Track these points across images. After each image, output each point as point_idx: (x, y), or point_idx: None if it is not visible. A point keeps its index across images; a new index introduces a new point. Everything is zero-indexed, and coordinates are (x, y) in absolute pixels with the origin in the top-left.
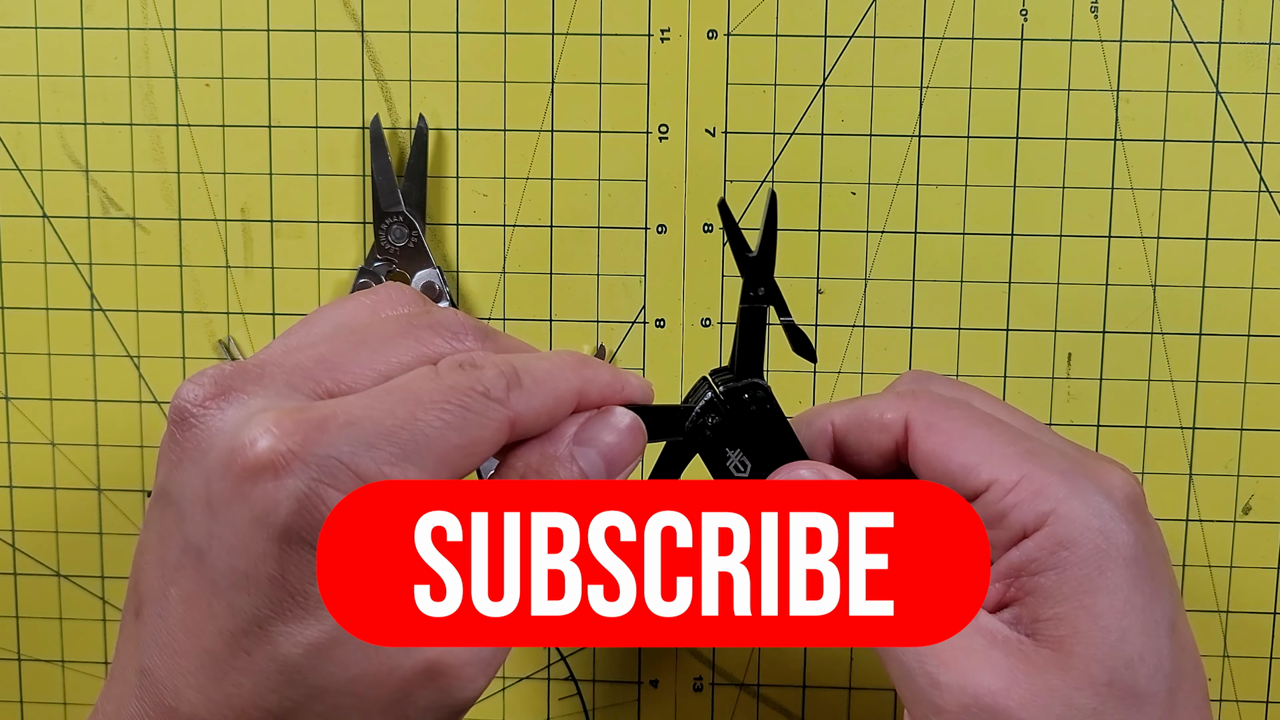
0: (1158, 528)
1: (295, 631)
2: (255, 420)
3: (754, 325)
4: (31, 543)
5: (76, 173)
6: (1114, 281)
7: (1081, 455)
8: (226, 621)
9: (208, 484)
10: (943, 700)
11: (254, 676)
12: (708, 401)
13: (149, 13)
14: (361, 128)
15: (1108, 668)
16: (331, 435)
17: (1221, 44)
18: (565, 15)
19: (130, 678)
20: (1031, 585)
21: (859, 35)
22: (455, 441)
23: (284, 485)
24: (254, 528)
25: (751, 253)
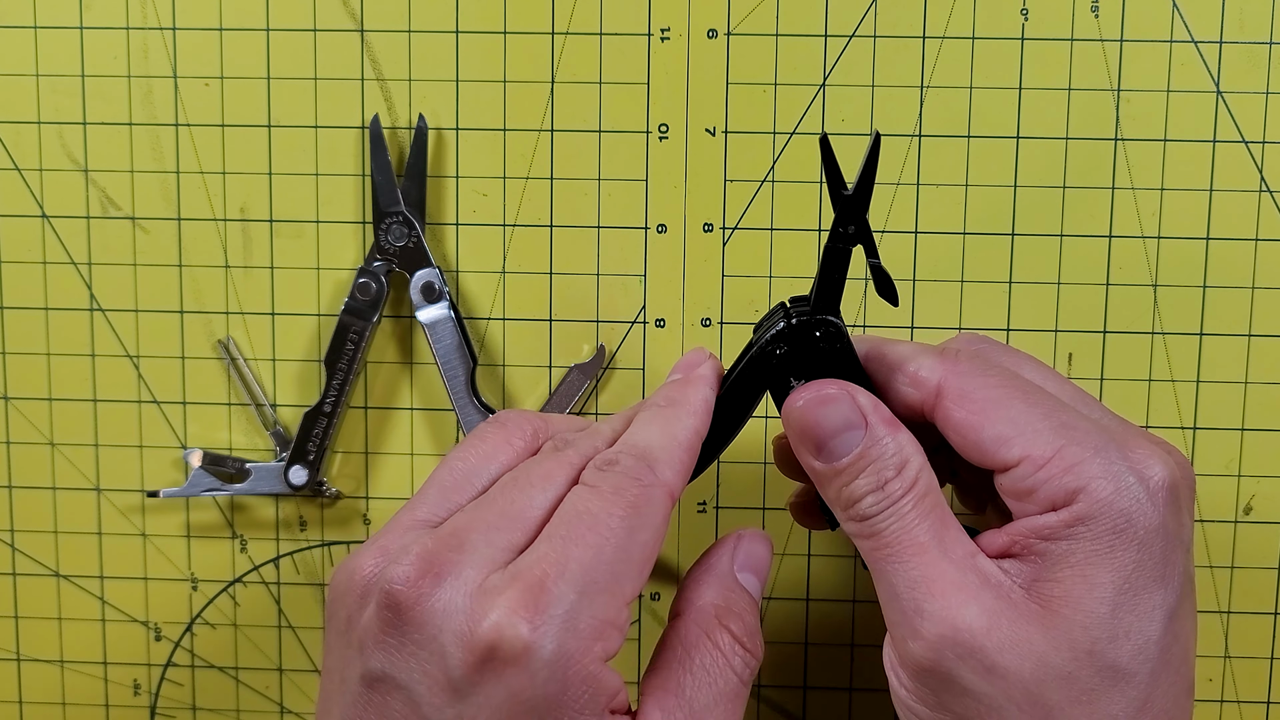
0: (1190, 518)
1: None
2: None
3: (838, 262)
4: (30, 543)
5: (76, 172)
6: (1115, 281)
7: (1125, 433)
8: None
9: (446, 668)
10: (923, 628)
11: None
12: (779, 331)
13: (148, 12)
14: (361, 127)
15: (1091, 636)
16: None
17: (1222, 43)
18: (565, 15)
19: None
20: (1041, 548)
21: (859, 35)
22: (643, 539)
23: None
24: (513, 704)
25: (847, 190)
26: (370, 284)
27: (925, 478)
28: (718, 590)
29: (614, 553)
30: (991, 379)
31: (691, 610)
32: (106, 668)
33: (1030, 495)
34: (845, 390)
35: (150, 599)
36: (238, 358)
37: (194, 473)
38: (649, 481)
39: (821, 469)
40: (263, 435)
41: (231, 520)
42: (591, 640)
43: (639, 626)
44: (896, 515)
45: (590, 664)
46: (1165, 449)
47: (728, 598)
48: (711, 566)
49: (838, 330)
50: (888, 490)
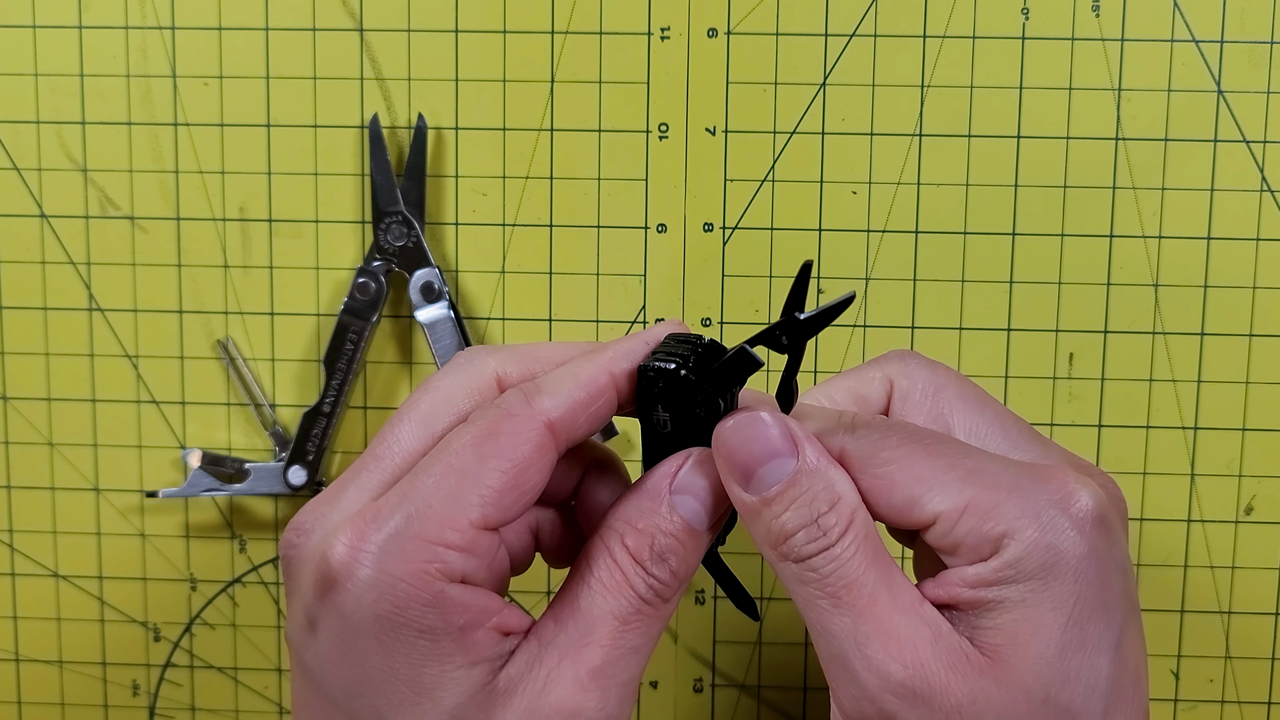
0: (1123, 538)
1: (418, 719)
2: (327, 538)
3: (741, 369)
4: (29, 543)
5: (74, 172)
6: (1115, 281)
7: (1040, 466)
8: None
9: (304, 608)
10: (872, 684)
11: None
12: (664, 369)
13: (147, 12)
14: (360, 127)
15: (1044, 682)
16: (381, 518)
17: (1223, 43)
18: (565, 14)
19: None
20: (975, 597)
21: (860, 34)
22: (497, 465)
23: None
24: (347, 629)
25: (801, 314)
26: (369, 284)
27: (862, 516)
28: (637, 506)
29: (457, 477)
30: (890, 439)
31: (603, 523)
32: (105, 668)
33: (956, 550)
34: (777, 416)
35: (149, 599)
36: (237, 358)
37: (193, 473)
38: (517, 411)
39: (749, 501)
40: (262, 435)
41: (230, 520)
42: (422, 561)
43: None
44: (835, 557)
45: (424, 584)
46: (1087, 474)
47: (646, 516)
48: (643, 481)
49: (715, 414)
50: (822, 525)
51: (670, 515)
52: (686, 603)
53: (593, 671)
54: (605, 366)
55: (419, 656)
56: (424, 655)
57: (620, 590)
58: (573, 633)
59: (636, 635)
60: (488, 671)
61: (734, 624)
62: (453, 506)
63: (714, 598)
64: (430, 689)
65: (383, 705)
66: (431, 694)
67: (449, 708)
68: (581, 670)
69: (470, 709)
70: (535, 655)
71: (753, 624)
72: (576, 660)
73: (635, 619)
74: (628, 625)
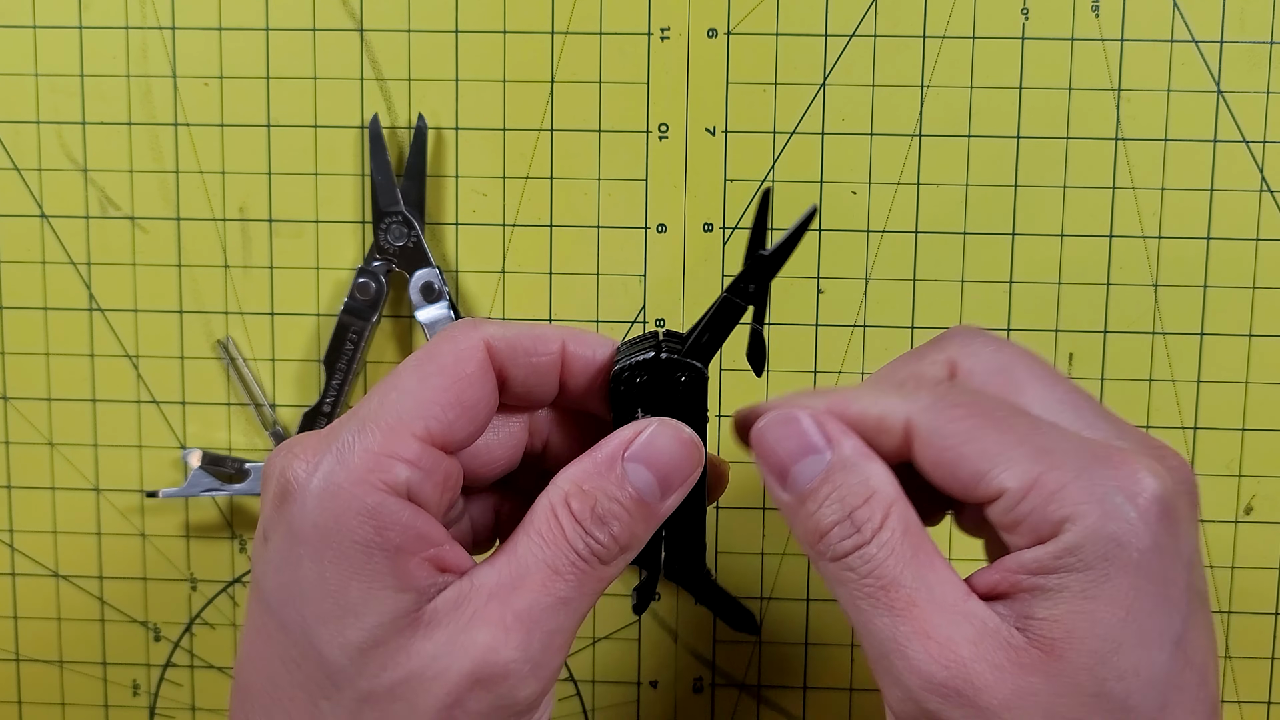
0: (1191, 529)
1: (337, 633)
2: (285, 456)
3: (728, 316)
4: (30, 543)
5: (75, 172)
6: (1115, 281)
7: (1111, 447)
8: (280, 639)
9: (262, 520)
10: (914, 683)
11: (306, 689)
12: (645, 359)
13: (147, 12)
14: (360, 127)
15: (1097, 678)
16: (334, 435)
17: (1223, 43)
18: (565, 14)
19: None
20: (1031, 584)
21: (860, 34)
22: (437, 383)
23: (306, 488)
24: (293, 538)
25: (765, 251)
26: (370, 284)
27: (900, 509)
28: (587, 467)
29: (398, 394)
30: (959, 410)
31: (553, 481)
32: (105, 668)
33: (1016, 528)
34: (809, 413)
35: (149, 599)
36: (237, 358)
37: (193, 473)
38: (458, 334)
39: (787, 500)
40: (262, 435)
41: (231, 520)
42: (364, 471)
43: (639, 626)
44: (871, 556)
45: (364, 493)
46: (1158, 456)
47: (594, 478)
48: (598, 446)
49: (701, 380)
50: (856, 520)
51: (620, 483)
52: (686, 603)
53: (518, 614)
54: (560, 333)
55: (349, 569)
56: (354, 568)
57: (557, 544)
58: (504, 577)
59: (568, 587)
60: (414, 600)
61: None
62: (396, 420)
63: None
64: (354, 604)
65: (309, 614)
66: (355, 610)
67: (369, 626)
68: (507, 613)
69: (390, 632)
70: (464, 593)
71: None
72: (503, 602)
73: (569, 571)
74: (560, 576)
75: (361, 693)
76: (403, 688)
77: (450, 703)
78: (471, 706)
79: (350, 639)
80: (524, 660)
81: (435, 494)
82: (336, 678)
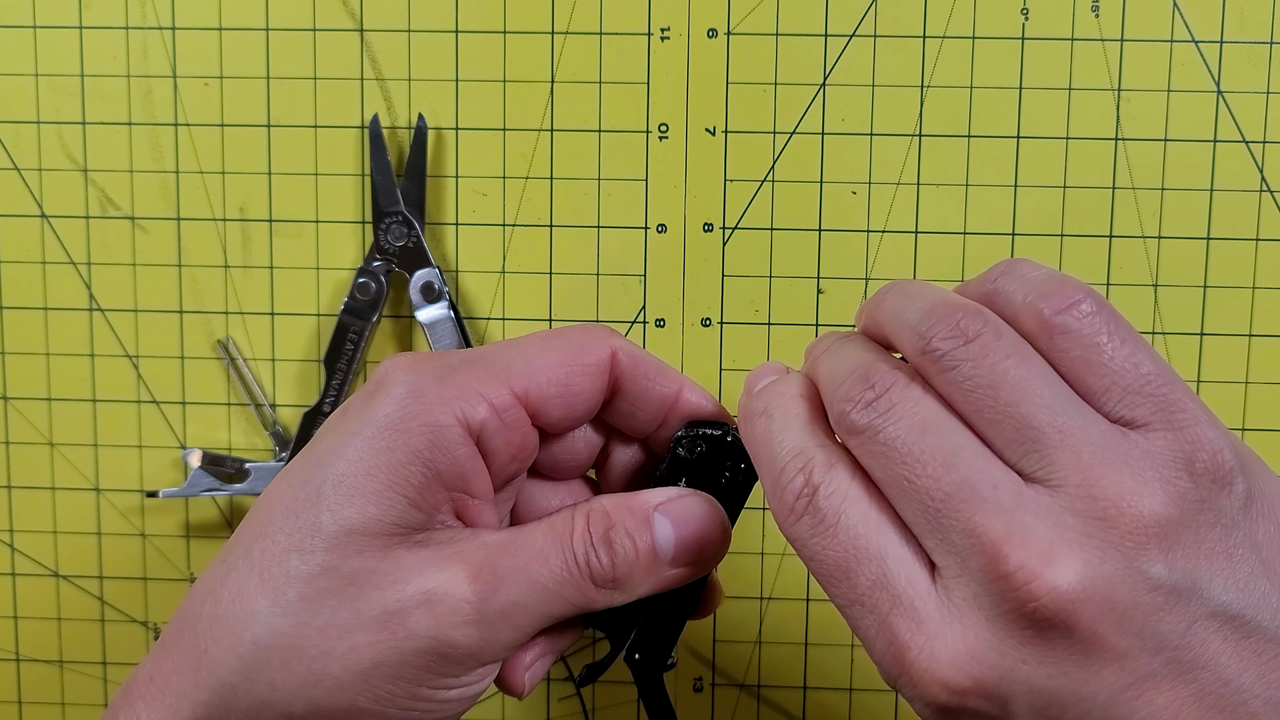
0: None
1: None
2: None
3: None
4: (30, 543)
5: (75, 172)
6: (1115, 281)
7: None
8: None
9: (347, 401)
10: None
11: (289, 535)
12: (709, 434)
13: (147, 12)
14: (361, 127)
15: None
16: (443, 360)
17: (1223, 43)
18: (565, 14)
19: None
20: None
21: (860, 34)
22: (559, 360)
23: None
24: (365, 419)
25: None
26: (370, 284)
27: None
28: (620, 503)
29: (518, 350)
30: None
31: (587, 500)
32: (106, 668)
33: None
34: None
35: (150, 599)
36: (237, 358)
37: (193, 473)
38: (592, 329)
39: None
40: (262, 435)
41: (231, 520)
42: (450, 395)
43: None
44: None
45: (440, 411)
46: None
47: (622, 512)
48: (640, 491)
49: (750, 480)
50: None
51: (642, 526)
52: None
53: (494, 571)
54: (682, 378)
55: (386, 464)
56: (390, 466)
57: (560, 539)
58: (502, 540)
59: (550, 576)
60: (420, 521)
61: (734, 623)
62: (501, 367)
63: None
64: (369, 492)
65: (330, 478)
66: (366, 495)
67: (368, 515)
68: (486, 566)
69: (379, 529)
70: (464, 537)
71: (753, 623)
72: (487, 556)
73: (559, 566)
74: (547, 564)
75: (328, 563)
76: (362, 576)
77: (394, 610)
78: (412, 625)
79: (345, 515)
80: (474, 608)
81: (504, 451)
82: (316, 538)
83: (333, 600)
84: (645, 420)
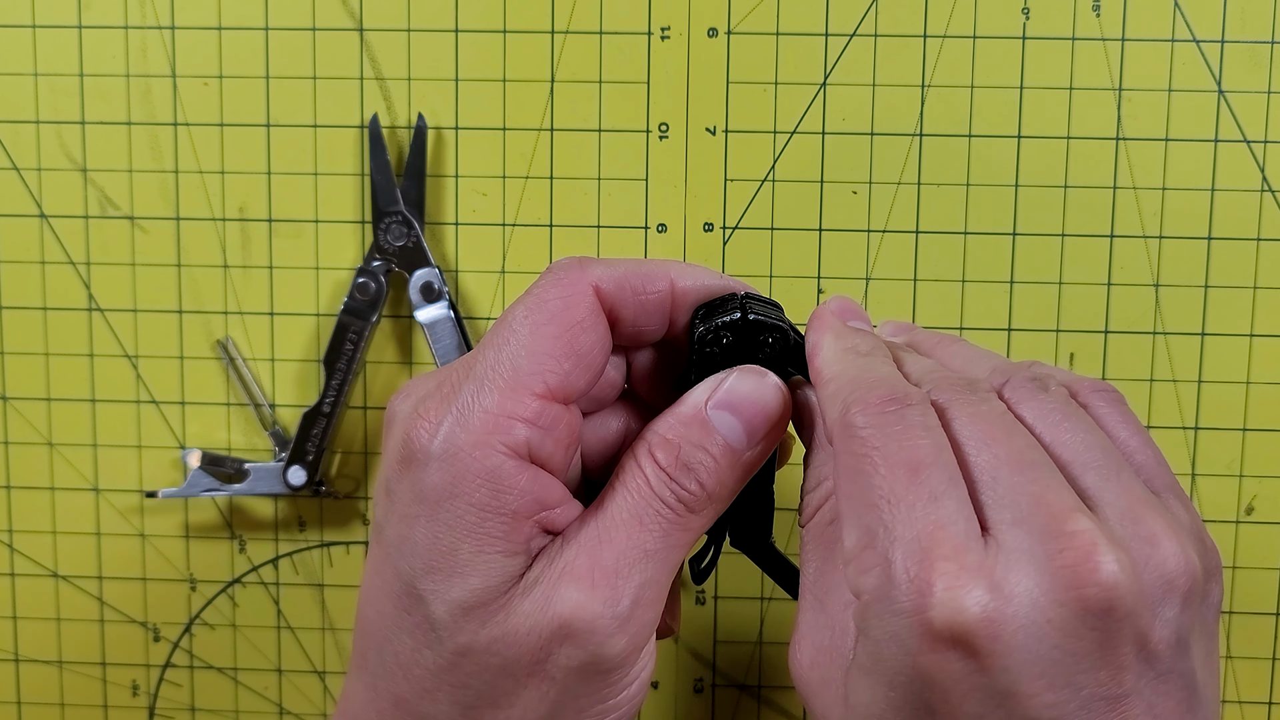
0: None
1: (443, 590)
2: (408, 410)
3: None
4: (29, 543)
5: (74, 172)
6: (1116, 281)
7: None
8: (394, 584)
9: (384, 475)
10: None
11: (413, 635)
12: (728, 321)
13: (147, 11)
14: (360, 127)
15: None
16: (453, 393)
17: (1224, 43)
18: (565, 13)
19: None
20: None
21: (860, 34)
22: (550, 331)
23: (429, 451)
24: (415, 498)
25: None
26: (369, 284)
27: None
28: (672, 419)
29: (514, 348)
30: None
31: (639, 436)
32: (105, 668)
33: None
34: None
35: (149, 600)
36: (236, 358)
37: (192, 473)
38: (565, 276)
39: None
40: (261, 435)
41: (230, 521)
42: (484, 434)
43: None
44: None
45: (483, 456)
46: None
47: (677, 428)
48: (682, 398)
49: (786, 342)
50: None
51: (706, 430)
52: (686, 603)
53: (604, 569)
54: (666, 266)
55: (463, 531)
56: (467, 530)
57: (642, 494)
58: (592, 532)
59: (653, 539)
60: (522, 564)
61: (734, 624)
62: (513, 377)
63: (714, 598)
64: (463, 565)
65: (419, 568)
66: (463, 570)
67: (474, 587)
68: (595, 568)
69: (494, 594)
70: (557, 551)
71: (753, 624)
72: (591, 558)
73: (653, 522)
74: (644, 528)
75: (460, 646)
76: (498, 644)
77: (541, 658)
78: (562, 662)
79: (454, 597)
80: (610, 616)
81: (558, 449)
82: (439, 631)
83: (485, 678)
84: (654, 328)
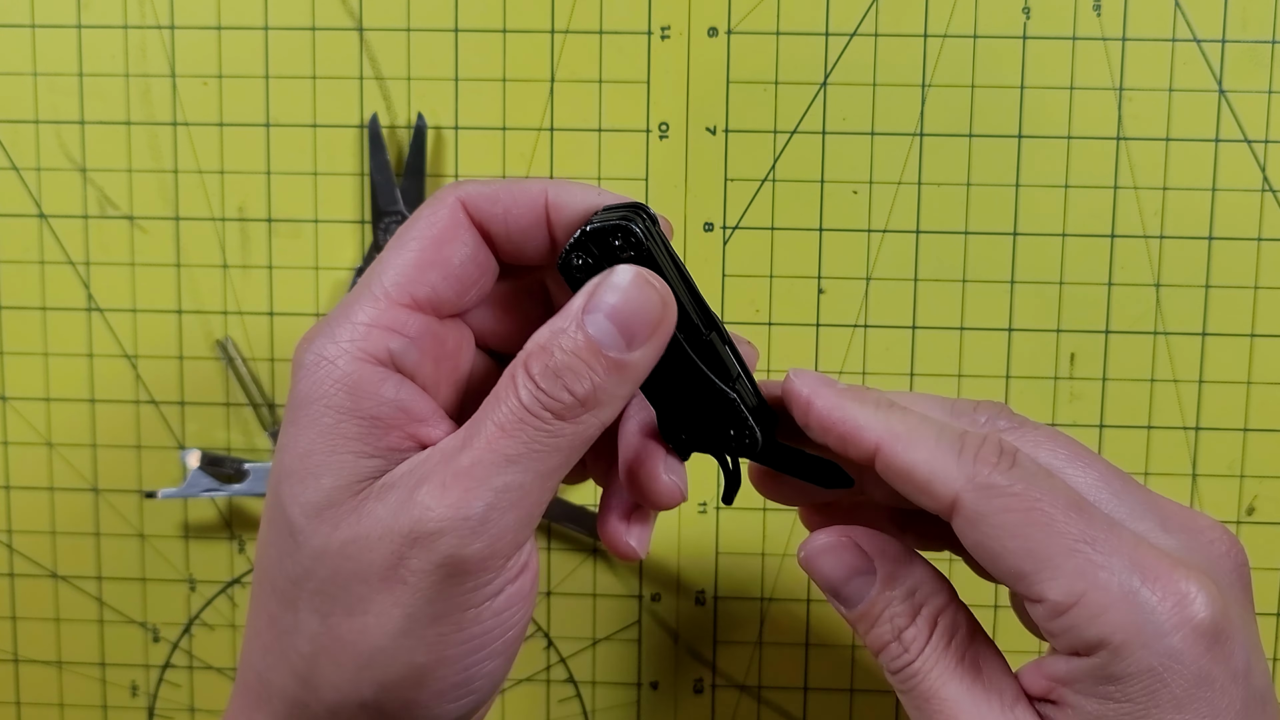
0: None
1: (299, 492)
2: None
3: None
4: (28, 543)
5: (73, 172)
6: (1117, 281)
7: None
8: (269, 499)
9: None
10: None
11: (277, 546)
12: (575, 238)
13: (146, 11)
14: (360, 126)
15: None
16: (334, 313)
17: (1225, 42)
18: (565, 13)
19: None
20: (1075, 702)
21: (861, 33)
22: (417, 246)
23: (302, 358)
24: (292, 404)
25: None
26: None
27: (947, 618)
28: (546, 330)
29: (382, 266)
30: (1012, 499)
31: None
32: (104, 669)
33: (1056, 637)
34: (847, 537)
35: (148, 600)
36: (236, 358)
37: (192, 473)
38: (435, 197)
39: (846, 615)
40: (261, 435)
41: (229, 521)
42: (347, 343)
43: (639, 627)
44: (915, 671)
45: (345, 363)
46: (1208, 558)
47: (550, 336)
48: (564, 308)
49: (640, 232)
50: (905, 640)
51: (575, 332)
52: (687, 603)
53: (457, 472)
54: (543, 183)
55: (318, 433)
56: (322, 432)
57: (506, 402)
58: (455, 440)
59: (514, 445)
60: (378, 467)
61: (734, 624)
62: (380, 290)
63: (714, 598)
64: (316, 466)
65: (280, 475)
66: (316, 471)
67: (326, 487)
68: (449, 471)
69: (345, 494)
70: (421, 459)
71: (753, 624)
72: (449, 462)
73: (517, 429)
74: (507, 434)
75: (315, 550)
76: (351, 547)
77: (393, 562)
78: (414, 565)
79: (308, 499)
80: (459, 518)
81: (426, 360)
82: (296, 536)
83: (340, 583)
84: (535, 245)
